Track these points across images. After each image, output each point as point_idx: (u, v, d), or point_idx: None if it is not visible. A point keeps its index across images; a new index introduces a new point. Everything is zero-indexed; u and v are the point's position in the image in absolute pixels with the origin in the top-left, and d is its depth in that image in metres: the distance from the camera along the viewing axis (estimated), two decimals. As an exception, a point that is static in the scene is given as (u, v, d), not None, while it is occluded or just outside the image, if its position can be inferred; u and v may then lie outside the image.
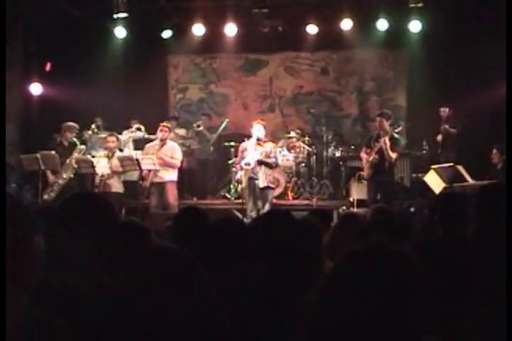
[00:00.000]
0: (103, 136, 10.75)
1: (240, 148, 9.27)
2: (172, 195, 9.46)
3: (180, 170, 9.94)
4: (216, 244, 2.76)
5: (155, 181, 9.47)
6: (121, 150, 10.03)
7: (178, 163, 9.60)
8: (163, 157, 9.39)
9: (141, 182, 9.61)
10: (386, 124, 9.07)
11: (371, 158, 9.05)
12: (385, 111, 9.61)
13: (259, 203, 8.84)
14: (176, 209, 9.20)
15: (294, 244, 2.77)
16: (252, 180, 8.89)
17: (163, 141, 9.54)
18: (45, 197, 9.48)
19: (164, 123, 9.79)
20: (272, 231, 2.83)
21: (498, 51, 10.22)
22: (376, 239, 1.48)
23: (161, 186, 9.47)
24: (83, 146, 9.86)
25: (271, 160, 8.93)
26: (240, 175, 9.18)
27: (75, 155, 9.62)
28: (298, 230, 2.88)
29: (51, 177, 9.60)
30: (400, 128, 9.39)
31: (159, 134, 9.56)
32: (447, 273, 2.03)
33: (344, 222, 4.15)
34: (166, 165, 9.42)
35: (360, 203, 9.67)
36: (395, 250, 1.44)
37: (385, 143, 8.86)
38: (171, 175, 9.52)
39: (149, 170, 9.42)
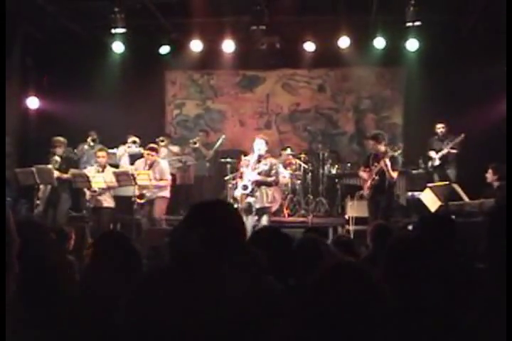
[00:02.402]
0: (97, 150, 10.73)
1: (242, 163, 8.91)
2: (159, 209, 9.49)
3: (174, 186, 9.93)
4: None
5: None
6: (112, 165, 10.03)
7: (166, 183, 9.62)
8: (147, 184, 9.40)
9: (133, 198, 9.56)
10: (381, 146, 8.97)
11: (371, 179, 8.94)
12: (377, 133, 9.37)
13: (255, 220, 8.64)
14: (162, 224, 9.22)
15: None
16: (248, 198, 8.65)
17: (150, 164, 9.56)
18: (35, 211, 9.57)
19: (151, 146, 9.77)
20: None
21: (495, 69, 10.27)
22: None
23: (151, 202, 9.52)
24: (58, 158, 9.82)
25: (270, 179, 8.61)
26: (237, 193, 8.91)
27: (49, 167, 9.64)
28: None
29: (40, 192, 9.65)
30: (400, 151, 9.25)
31: (146, 160, 9.58)
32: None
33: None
34: (157, 187, 9.49)
35: (356, 221, 9.62)
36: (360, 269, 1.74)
37: (385, 165, 8.72)
38: (161, 192, 9.57)
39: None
